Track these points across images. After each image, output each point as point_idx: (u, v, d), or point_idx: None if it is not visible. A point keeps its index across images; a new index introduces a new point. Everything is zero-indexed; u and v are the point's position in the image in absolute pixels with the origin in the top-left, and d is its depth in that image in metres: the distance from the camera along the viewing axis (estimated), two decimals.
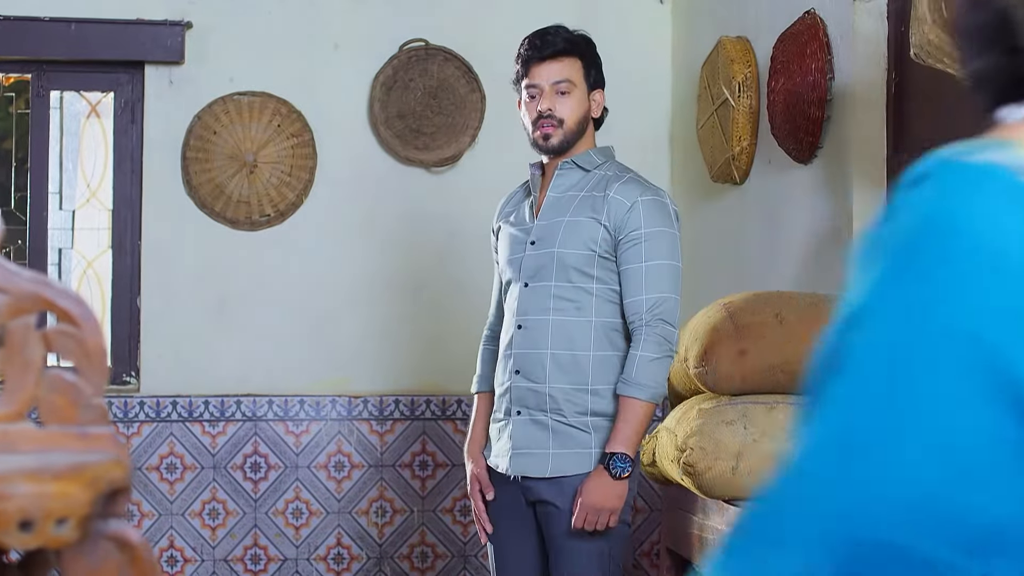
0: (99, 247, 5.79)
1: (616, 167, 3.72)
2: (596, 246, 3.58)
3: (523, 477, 3.63)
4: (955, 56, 2.77)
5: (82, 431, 1.27)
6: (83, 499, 1.20)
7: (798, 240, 4.47)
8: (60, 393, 1.28)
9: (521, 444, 3.62)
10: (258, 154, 5.67)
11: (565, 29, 3.76)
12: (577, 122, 3.69)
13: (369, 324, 5.74)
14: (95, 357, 1.30)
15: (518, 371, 3.63)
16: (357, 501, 5.72)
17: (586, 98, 3.72)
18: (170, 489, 5.63)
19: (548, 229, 3.64)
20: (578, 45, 3.72)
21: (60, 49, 5.56)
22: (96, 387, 1.30)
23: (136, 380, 5.67)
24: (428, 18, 5.77)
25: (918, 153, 3.82)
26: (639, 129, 5.86)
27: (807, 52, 4.29)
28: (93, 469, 1.23)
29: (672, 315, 3.55)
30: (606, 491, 3.49)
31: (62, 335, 1.30)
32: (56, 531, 1.18)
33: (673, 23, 5.89)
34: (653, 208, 3.59)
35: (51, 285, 1.30)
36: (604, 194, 3.61)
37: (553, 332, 3.59)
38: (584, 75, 3.71)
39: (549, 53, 3.68)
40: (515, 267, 3.70)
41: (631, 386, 3.50)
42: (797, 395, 3.61)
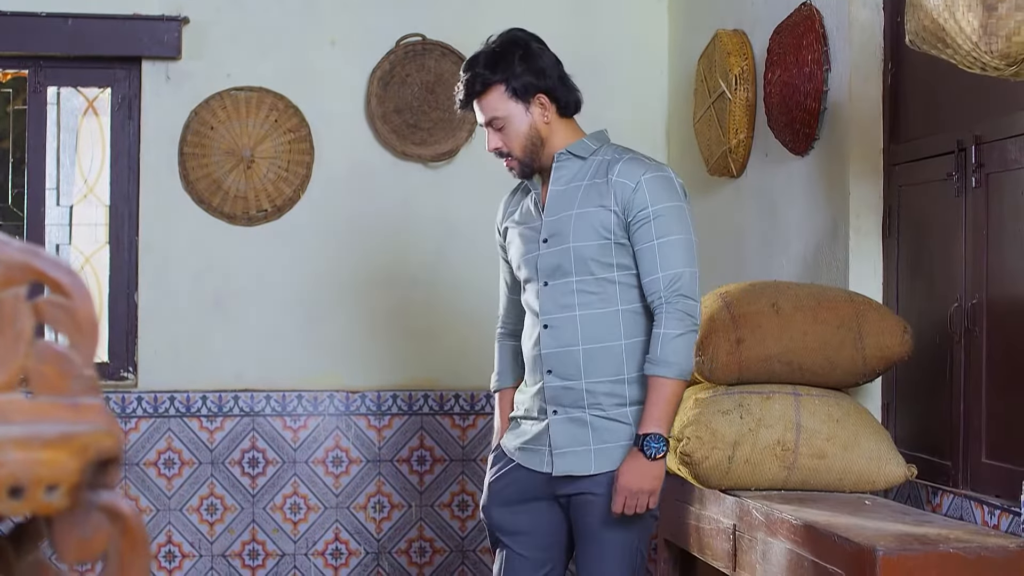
0: (96, 243, 5.79)
1: (613, 150, 3.65)
2: (610, 233, 3.51)
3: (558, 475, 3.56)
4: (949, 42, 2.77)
5: (73, 402, 1.27)
6: (73, 466, 1.19)
7: (795, 232, 4.47)
8: (51, 364, 1.28)
9: (561, 443, 3.55)
10: (255, 149, 5.67)
11: (484, 55, 3.62)
12: (526, 145, 3.60)
13: (367, 319, 5.74)
14: (86, 328, 1.30)
15: (550, 371, 3.57)
16: (355, 496, 5.71)
17: (524, 115, 3.59)
18: (168, 484, 5.62)
19: (558, 224, 3.58)
20: (492, 73, 3.59)
21: (57, 45, 5.56)
22: (87, 358, 1.30)
23: (133, 375, 5.67)
24: (425, 13, 5.77)
25: (914, 143, 3.84)
26: (635, 123, 5.86)
27: (803, 44, 4.29)
28: (83, 438, 1.23)
29: (691, 289, 3.47)
30: (643, 472, 3.43)
31: (53, 306, 1.29)
32: (46, 498, 1.18)
33: (670, 17, 5.89)
34: (658, 184, 3.52)
35: (42, 256, 1.30)
36: (607, 179, 3.55)
37: (582, 328, 3.53)
38: (512, 96, 3.58)
39: (471, 97, 3.61)
40: (531, 266, 3.64)
41: (657, 365, 3.44)
42: (794, 384, 3.62)
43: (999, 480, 3.39)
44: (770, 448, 3.52)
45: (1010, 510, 3.22)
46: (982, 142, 3.49)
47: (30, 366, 1.28)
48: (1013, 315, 3.38)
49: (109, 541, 1.30)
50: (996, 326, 3.45)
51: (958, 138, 3.59)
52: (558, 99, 3.62)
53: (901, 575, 2.81)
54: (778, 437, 3.52)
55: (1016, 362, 3.36)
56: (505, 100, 3.57)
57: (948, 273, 3.67)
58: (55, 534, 1.28)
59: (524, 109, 3.59)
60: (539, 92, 3.59)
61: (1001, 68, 2.70)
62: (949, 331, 3.63)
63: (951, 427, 3.63)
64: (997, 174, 3.44)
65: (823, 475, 3.54)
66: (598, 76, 5.88)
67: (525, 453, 3.63)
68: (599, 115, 5.81)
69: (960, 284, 3.59)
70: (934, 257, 3.78)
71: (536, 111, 3.59)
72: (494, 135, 3.61)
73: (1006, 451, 3.39)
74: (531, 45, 3.64)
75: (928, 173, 3.79)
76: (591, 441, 3.52)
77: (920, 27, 2.84)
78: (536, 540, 3.64)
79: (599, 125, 5.84)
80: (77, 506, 1.24)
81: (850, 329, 3.59)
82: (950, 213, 3.65)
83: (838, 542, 2.97)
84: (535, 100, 3.59)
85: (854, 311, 3.62)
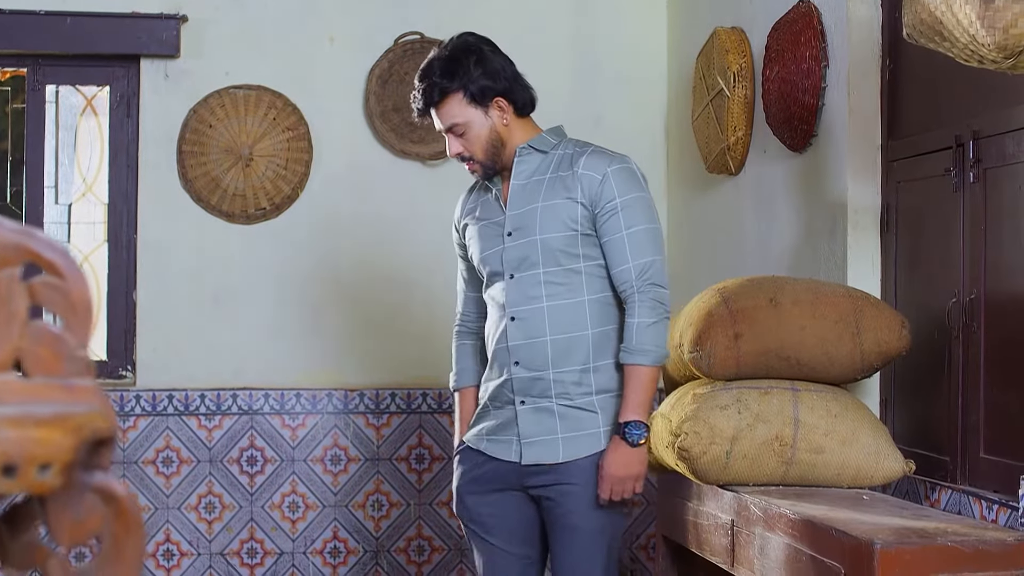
0: (95, 241, 5.78)
1: (574, 144, 3.72)
2: (577, 224, 3.59)
3: (526, 464, 3.62)
4: (946, 35, 2.77)
5: (67, 383, 1.27)
6: (66, 445, 1.19)
7: (794, 228, 4.47)
8: (45, 345, 1.28)
9: (529, 432, 3.62)
10: (254, 147, 5.67)
11: (438, 63, 3.65)
12: (487, 148, 3.66)
13: (365, 317, 5.74)
14: (80, 309, 1.30)
15: (517, 362, 3.62)
16: (353, 495, 5.71)
17: (483, 118, 3.64)
18: (166, 483, 5.62)
19: (523, 218, 3.64)
20: (449, 81, 3.63)
21: (56, 43, 5.56)
22: (81, 339, 1.30)
23: (132, 374, 5.67)
24: (423, 11, 5.77)
25: (912, 139, 3.83)
26: (634, 122, 5.87)
27: (801, 40, 4.29)
28: (77, 418, 1.22)
29: (661, 277, 3.57)
30: (627, 459, 3.52)
31: (47, 287, 1.29)
32: (39, 477, 1.18)
33: (668, 15, 5.89)
34: (623, 175, 3.61)
35: (36, 237, 1.30)
36: (572, 171, 3.62)
37: (549, 319, 3.59)
38: (470, 102, 3.62)
39: (428, 107, 3.65)
40: (496, 260, 3.69)
41: (633, 353, 3.53)
42: (792, 380, 3.61)
43: (997, 475, 3.38)
44: (768, 443, 3.52)
45: (1008, 505, 3.22)
46: (980, 137, 3.48)
47: (24, 347, 1.28)
48: (1011, 310, 3.38)
49: (103, 523, 1.29)
50: (994, 321, 3.45)
51: (956, 133, 3.59)
52: (515, 100, 3.68)
53: (899, 568, 2.81)
54: (776, 432, 3.52)
55: (1014, 357, 3.35)
56: (464, 107, 3.63)
57: (946, 268, 3.67)
58: (49, 515, 1.28)
59: (483, 113, 3.65)
60: (496, 95, 3.65)
61: (999, 61, 2.69)
62: (947, 326, 3.63)
63: (949, 422, 3.63)
64: (995, 169, 3.44)
65: (821, 470, 3.54)
66: (597, 74, 5.89)
67: (493, 443, 3.69)
68: (598, 113, 5.85)
69: (958, 279, 3.59)
70: (932, 252, 3.78)
71: (495, 114, 3.66)
72: (455, 141, 3.67)
73: (1004, 446, 3.39)
74: (484, 49, 3.69)
75: (926, 169, 3.79)
76: (559, 430, 3.60)
77: (917, 20, 2.84)
78: (513, 530, 3.70)
79: (600, 123, 5.88)
80: (70, 486, 1.24)
81: (848, 324, 3.59)
82: (948, 208, 3.65)
83: (836, 536, 2.97)
84: (493, 104, 3.65)
85: (852, 306, 3.62)
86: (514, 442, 3.64)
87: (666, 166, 5.89)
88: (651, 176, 5.82)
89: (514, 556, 3.70)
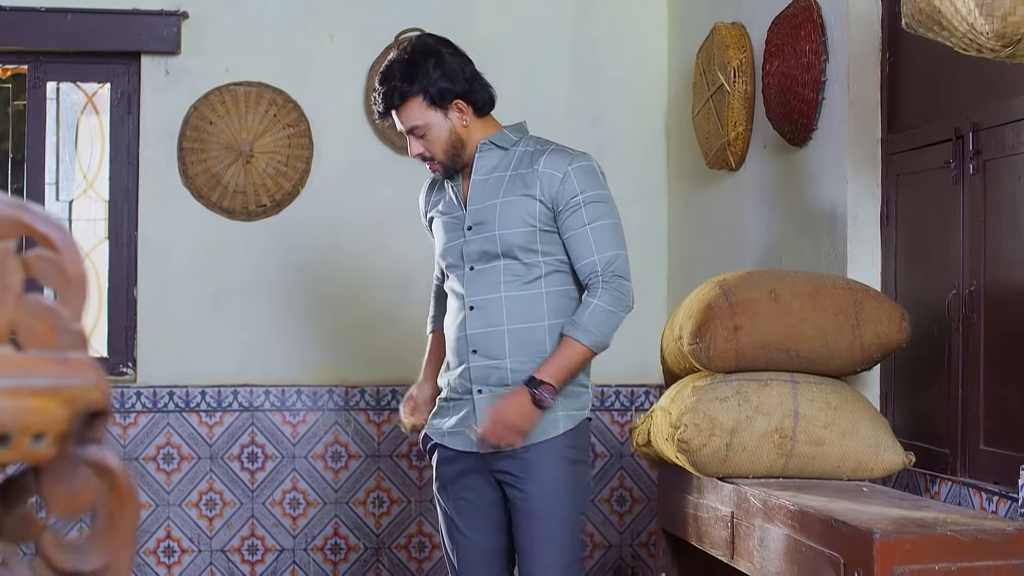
0: (95, 238, 5.79)
1: (535, 142, 3.76)
2: (536, 221, 3.63)
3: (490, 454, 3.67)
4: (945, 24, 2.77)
5: (61, 356, 1.26)
6: (60, 415, 1.19)
7: (794, 223, 4.46)
8: (39, 318, 1.27)
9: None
10: (254, 144, 5.67)
11: (398, 66, 3.67)
12: (447, 149, 3.70)
13: (366, 313, 5.74)
14: (75, 282, 1.30)
15: (475, 351, 3.68)
16: (354, 491, 5.71)
17: (443, 120, 3.68)
18: (167, 479, 5.62)
19: (483, 213, 3.69)
20: (408, 85, 3.66)
21: (56, 40, 5.56)
22: (75, 312, 1.30)
23: (133, 371, 5.67)
24: (423, 8, 5.77)
25: (912, 132, 3.83)
26: (635, 119, 5.87)
27: (801, 34, 4.29)
28: (71, 390, 1.22)
29: (625, 270, 3.63)
30: (522, 411, 3.57)
31: (42, 260, 1.29)
32: (33, 446, 1.18)
33: (669, 11, 5.89)
34: (584, 173, 3.65)
35: (31, 210, 1.29)
36: (532, 169, 3.66)
37: (507, 309, 3.66)
38: (430, 105, 3.66)
39: (388, 109, 3.69)
40: (456, 253, 3.75)
41: (577, 329, 3.59)
42: (792, 372, 3.61)
43: (997, 467, 3.38)
44: (768, 435, 3.52)
45: (1008, 496, 3.22)
46: (979, 129, 3.48)
47: (19, 320, 1.27)
48: (1011, 301, 3.38)
49: (97, 496, 1.29)
50: (994, 312, 3.45)
51: (955, 125, 3.59)
52: (474, 101, 3.72)
53: (898, 557, 2.81)
54: (776, 424, 3.52)
55: (1014, 348, 3.35)
56: (424, 109, 3.67)
57: (946, 261, 3.67)
58: (43, 488, 1.28)
59: (443, 115, 3.69)
60: (456, 97, 3.68)
61: (997, 49, 2.69)
62: (947, 319, 3.63)
63: (949, 415, 3.63)
64: (994, 160, 3.44)
65: (821, 462, 3.54)
66: (597, 71, 5.89)
67: (453, 436, 3.75)
68: (598, 110, 5.85)
69: (958, 271, 3.59)
70: (932, 245, 3.78)
71: (454, 116, 3.70)
72: (416, 142, 3.71)
73: (1004, 438, 3.39)
74: (442, 52, 3.72)
75: (926, 161, 3.79)
76: None
77: (916, 9, 2.84)
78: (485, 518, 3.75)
79: (600, 120, 5.87)
80: (64, 458, 1.24)
81: (848, 316, 3.59)
82: (948, 201, 3.65)
83: (835, 526, 2.97)
84: (452, 106, 3.69)
85: (852, 298, 3.62)
86: (471, 432, 3.68)
87: (666, 163, 5.89)
88: (651, 173, 5.87)
89: (484, 550, 3.77)
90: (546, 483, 3.63)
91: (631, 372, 5.78)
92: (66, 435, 1.21)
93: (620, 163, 5.68)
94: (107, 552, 1.30)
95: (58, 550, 1.30)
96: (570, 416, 3.67)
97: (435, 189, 3.93)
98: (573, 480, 3.68)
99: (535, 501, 3.62)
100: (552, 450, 3.64)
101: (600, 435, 5.81)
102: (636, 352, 5.65)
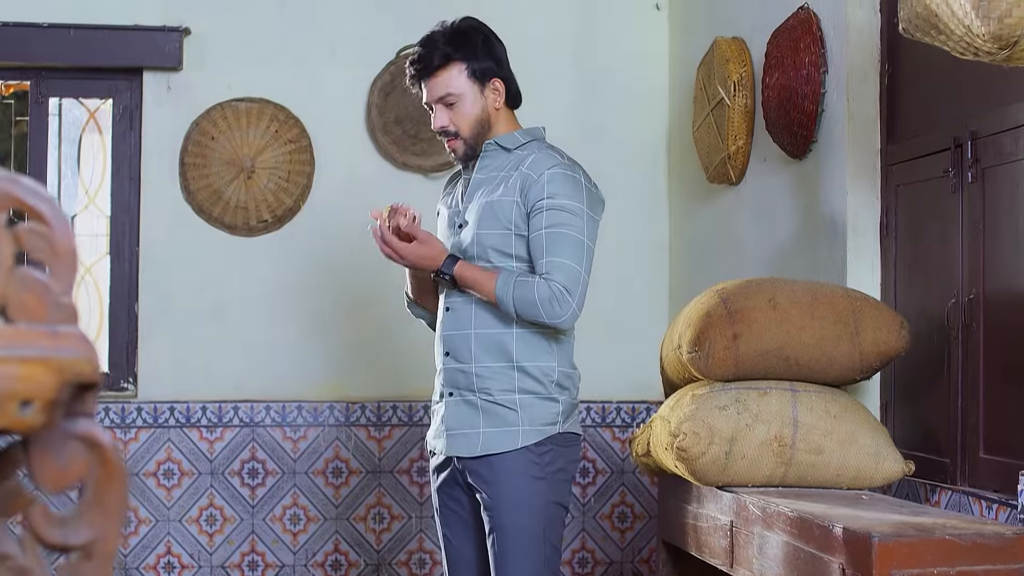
0: (97, 253, 5.80)
1: (539, 146, 3.70)
2: (511, 224, 3.59)
3: (457, 458, 3.65)
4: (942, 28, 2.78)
5: (52, 329, 1.26)
6: (49, 383, 1.19)
7: (794, 235, 4.47)
8: (29, 291, 1.28)
9: (453, 424, 3.66)
10: (256, 160, 5.68)
11: (441, 35, 3.68)
12: (473, 125, 3.66)
13: (366, 329, 5.74)
14: (65, 256, 1.30)
15: (448, 353, 3.68)
16: (355, 507, 5.70)
17: (479, 96, 3.65)
18: (167, 495, 5.61)
19: (472, 212, 3.67)
20: (454, 50, 3.65)
21: (59, 55, 5.58)
22: (65, 286, 1.30)
23: (134, 386, 5.67)
24: (425, 24, 5.71)
25: (911, 142, 3.83)
26: (636, 134, 5.88)
27: (800, 46, 4.30)
28: (60, 360, 1.22)
29: (572, 284, 3.51)
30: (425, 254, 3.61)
31: (32, 233, 1.29)
32: (20, 413, 1.18)
33: (670, 27, 5.90)
34: (560, 180, 3.57)
35: (22, 183, 1.30)
36: (518, 170, 3.62)
37: (476, 313, 3.63)
38: (469, 75, 3.64)
39: (427, 72, 3.66)
40: None
41: (503, 280, 3.54)
42: (791, 380, 3.61)
43: (997, 475, 3.37)
44: (767, 443, 3.51)
45: (1007, 503, 3.21)
46: (978, 137, 3.49)
47: (9, 293, 1.28)
48: (1010, 309, 3.38)
49: (87, 470, 1.29)
50: (993, 320, 3.45)
51: (954, 135, 3.59)
52: (509, 88, 3.71)
53: (897, 561, 2.80)
54: (775, 432, 3.51)
55: (1013, 355, 3.35)
56: (463, 79, 3.65)
57: (945, 269, 3.67)
58: (32, 461, 1.28)
59: (480, 91, 3.67)
60: (495, 77, 3.67)
61: (994, 52, 2.70)
62: (947, 327, 3.62)
63: (949, 423, 3.62)
64: (993, 168, 3.44)
65: (820, 471, 3.53)
66: (599, 87, 5.90)
67: (436, 440, 3.74)
68: (600, 125, 5.86)
69: (957, 279, 3.58)
70: (931, 254, 3.78)
71: (490, 95, 3.68)
72: (443, 113, 3.66)
73: (1004, 445, 3.38)
74: (489, 33, 3.75)
75: (925, 171, 3.79)
76: (481, 424, 3.62)
77: (913, 14, 2.84)
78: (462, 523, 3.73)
79: (602, 135, 5.89)
80: (52, 426, 1.24)
81: (847, 324, 3.58)
82: (947, 209, 3.65)
83: (834, 531, 2.96)
84: (490, 84, 3.67)
85: (851, 306, 3.62)
86: (443, 434, 3.68)
87: (667, 178, 5.90)
88: (652, 187, 5.88)
89: (468, 562, 3.76)
90: (507, 497, 3.57)
91: (632, 389, 5.78)
92: (54, 404, 1.21)
93: (621, 178, 5.69)
94: (95, 526, 1.30)
95: (46, 524, 1.30)
96: (534, 431, 3.59)
97: (452, 182, 3.90)
98: (539, 496, 3.59)
99: (498, 514, 3.58)
100: (513, 464, 3.58)
101: (601, 451, 5.80)
102: (637, 368, 5.66)
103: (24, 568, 1.29)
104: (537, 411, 3.60)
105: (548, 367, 3.62)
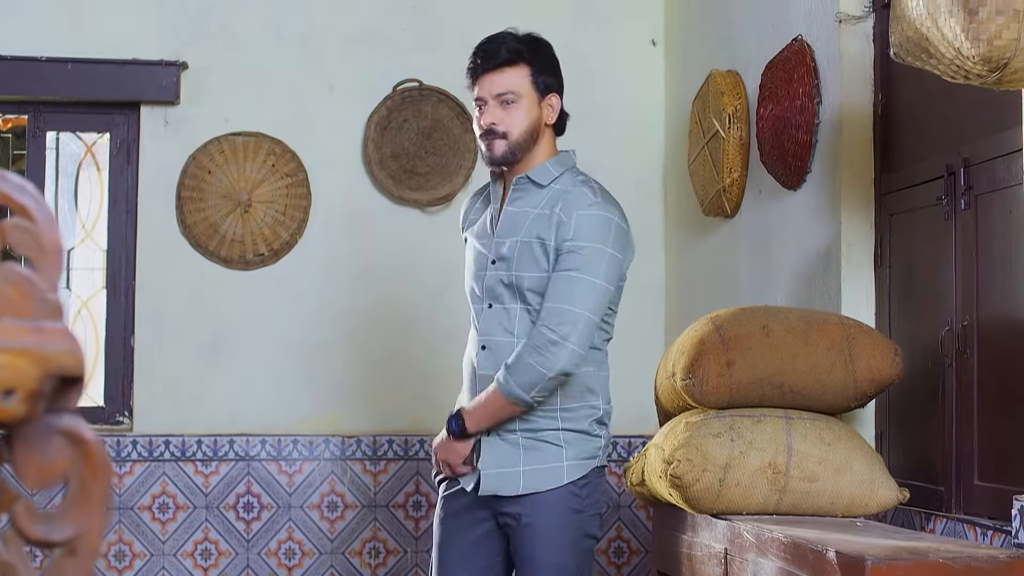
0: (93, 287, 5.79)
1: (571, 179, 3.60)
2: (548, 269, 3.51)
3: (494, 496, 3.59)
4: (932, 52, 2.79)
5: (36, 324, 1.26)
6: (31, 373, 1.19)
7: (789, 266, 4.47)
8: (14, 286, 1.28)
9: (488, 463, 3.59)
10: (252, 193, 5.69)
11: (513, 36, 3.60)
12: (525, 133, 3.57)
13: (362, 364, 5.74)
14: (50, 252, 1.30)
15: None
16: (350, 542, 5.68)
17: (536, 106, 3.58)
18: (162, 529, 5.59)
19: (506, 250, 3.57)
20: (525, 52, 3.57)
21: (56, 89, 5.60)
22: (51, 282, 1.30)
23: (129, 419, 5.66)
24: (422, 59, 5.81)
25: (905, 171, 3.84)
26: (632, 169, 5.88)
27: (794, 77, 4.32)
28: (44, 352, 1.22)
29: (571, 331, 3.45)
30: (441, 442, 3.64)
31: (17, 229, 1.30)
32: (3, 402, 1.18)
33: (666, 61, 5.93)
34: (588, 221, 3.49)
35: (7, 179, 1.30)
36: (552, 210, 3.53)
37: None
38: (533, 82, 3.57)
39: (493, 65, 3.56)
40: (479, 285, 3.66)
41: (505, 375, 3.50)
42: (785, 408, 3.60)
43: (992, 502, 3.36)
44: (761, 471, 3.50)
45: (1002, 530, 3.20)
46: (971, 164, 3.50)
47: None
48: (1004, 335, 3.38)
49: (70, 465, 1.29)
50: (987, 347, 3.44)
51: (947, 162, 3.60)
52: (562, 108, 3.67)
53: None
54: (769, 460, 3.50)
55: (1007, 382, 3.34)
56: (527, 82, 3.58)
57: (939, 297, 3.67)
58: (15, 456, 1.27)
59: (537, 101, 3.60)
60: (554, 92, 3.62)
61: (984, 75, 2.71)
62: (941, 355, 3.62)
63: (943, 451, 3.61)
64: (986, 195, 3.44)
65: (815, 498, 3.52)
66: (595, 121, 5.91)
67: (466, 480, 3.66)
68: (596, 159, 5.84)
69: (951, 307, 3.58)
70: (925, 282, 3.78)
71: (546, 109, 3.62)
72: (496, 110, 3.56)
73: (998, 473, 3.37)
74: (554, 53, 3.68)
75: (918, 199, 3.80)
76: (521, 462, 3.56)
77: (904, 38, 2.86)
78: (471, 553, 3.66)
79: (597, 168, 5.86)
80: (36, 421, 1.23)
81: (841, 351, 3.58)
82: (941, 237, 3.65)
83: (827, 556, 2.95)
84: (548, 98, 3.61)
85: (845, 334, 3.62)
86: (477, 472, 3.61)
87: (663, 211, 5.91)
88: (648, 222, 5.88)
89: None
90: (543, 531, 3.53)
91: (628, 423, 5.76)
92: (37, 394, 1.21)
93: None
94: (79, 522, 1.30)
95: (30, 520, 1.29)
96: (579, 464, 3.56)
97: (475, 206, 3.81)
98: (575, 530, 3.56)
99: (531, 547, 3.54)
100: (555, 499, 3.54)
101: None
102: (634, 403, 5.63)
103: (7, 564, 1.29)
104: (582, 447, 3.58)
105: (592, 407, 3.60)
